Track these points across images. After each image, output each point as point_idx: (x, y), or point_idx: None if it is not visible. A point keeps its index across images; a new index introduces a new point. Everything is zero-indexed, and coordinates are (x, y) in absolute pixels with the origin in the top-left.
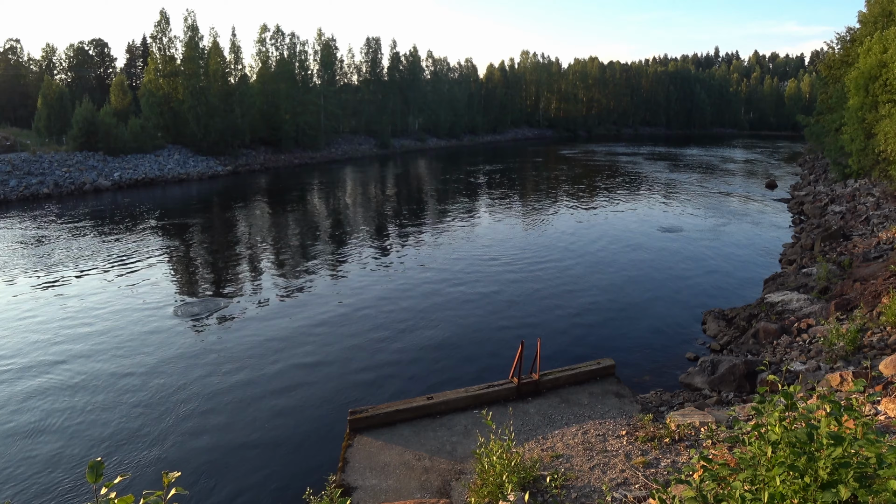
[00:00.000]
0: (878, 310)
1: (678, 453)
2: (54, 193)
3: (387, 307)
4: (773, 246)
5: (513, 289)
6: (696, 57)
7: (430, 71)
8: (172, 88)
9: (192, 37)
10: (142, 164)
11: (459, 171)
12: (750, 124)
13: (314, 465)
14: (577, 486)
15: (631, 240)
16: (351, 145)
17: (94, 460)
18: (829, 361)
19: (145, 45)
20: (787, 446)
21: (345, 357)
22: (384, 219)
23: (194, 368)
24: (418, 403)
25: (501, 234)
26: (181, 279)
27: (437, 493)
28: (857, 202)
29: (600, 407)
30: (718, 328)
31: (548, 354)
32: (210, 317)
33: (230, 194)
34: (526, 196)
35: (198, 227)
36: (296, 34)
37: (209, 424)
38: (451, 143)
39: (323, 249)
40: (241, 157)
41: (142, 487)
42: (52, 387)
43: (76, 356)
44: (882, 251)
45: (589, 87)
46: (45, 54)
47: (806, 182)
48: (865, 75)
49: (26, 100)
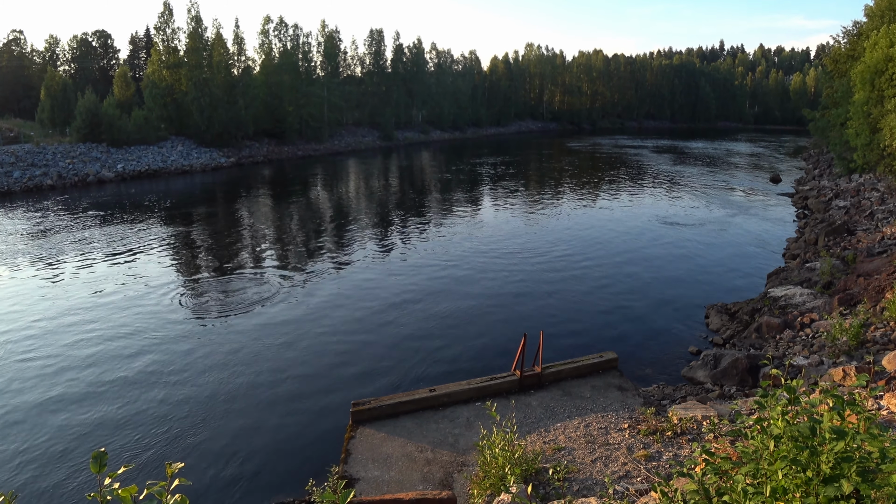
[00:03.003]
0: (882, 305)
1: (680, 447)
2: (58, 185)
3: (389, 299)
4: (776, 240)
5: (515, 281)
6: (700, 50)
7: (434, 63)
8: (176, 80)
9: (196, 28)
10: (145, 156)
11: (464, 163)
12: (755, 118)
13: (317, 456)
14: (579, 479)
15: (634, 232)
16: (354, 137)
17: (98, 451)
18: (832, 356)
19: (148, 37)
20: (790, 440)
21: (347, 349)
22: (388, 211)
23: (197, 360)
24: (421, 395)
25: (505, 226)
26: (185, 270)
27: (440, 485)
28: (861, 197)
29: (602, 400)
30: (721, 322)
31: (550, 347)
32: (213, 308)
33: (234, 186)
34: (530, 189)
35: (202, 219)
36: (299, 26)
37: (212, 415)
38: (455, 136)
39: (326, 241)
40: (245, 148)
41: (145, 478)
42: (52, 376)
43: (77, 346)
44: (886, 246)
45: (593, 79)
46: (48, 45)
47: (810, 176)
48: (871, 69)
49: (30, 91)
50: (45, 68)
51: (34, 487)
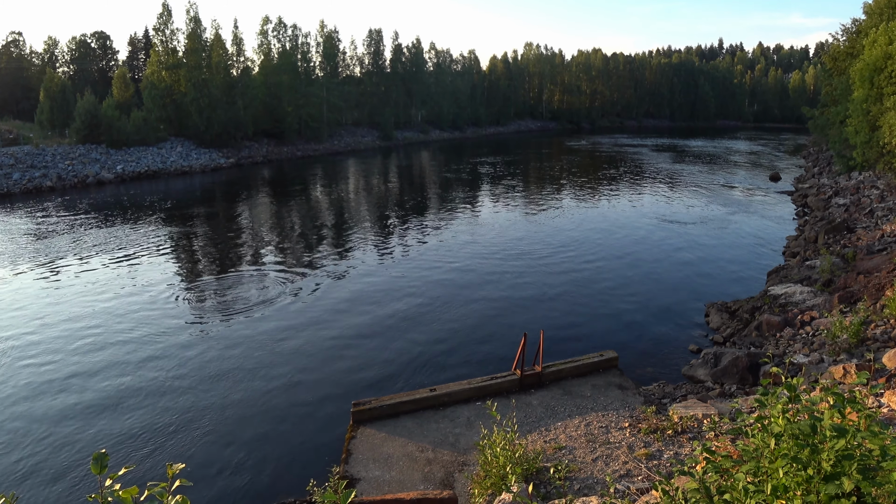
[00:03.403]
0: (882, 302)
1: (681, 445)
2: (57, 186)
3: (388, 299)
4: (776, 238)
5: (515, 281)
6: (700, 49)
7: (433, 63)
8: (175, 81)
9: (195, 29)
10: (144, 157)
11: (463, 163)
12: (754, 116)
13: (318, 456)
14: (580, 478)
15: (634, 231)
16: (354, 137)
17: (99, 452)
18: (833, 354)
19: (147, 38)
20: (791, 438)
21: (347, 349)
22: (388, 211)
23: (197, 361)
24: (421, 395)
25: (504, 225)
26: (184, 272)
27: (441, 485)
28: (861, 195)
29: (603, 399)
30: (721, 320)
31: (550, 346)
32: (213, 310)
33: (233, 187)
34: (529, 188)
35: (202, 220)
36: (298, 26)
37: (212, 416)
38: (455, 136)
39: (326, 242)
40: (244, 149)
41: (146, 479)
42: (51, 378)
43: (76, 348)
44: (886, 244)
45: (592, 78)
46: (47, 47)
47: (810, 174)
48: (871, 67)
49: (29, 93)
50: (44, 70)
51: (35, 489)
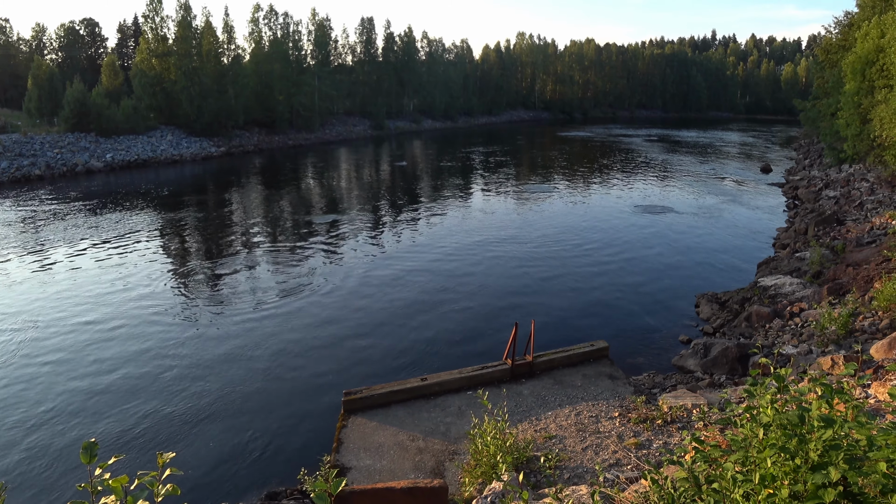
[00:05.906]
0: (871, 294)
1: (670, 435)
2: (46, 175)
3: (379, 289)
4: (766, 230)
5: (506, 271)
6: (692, 40)
7: (426, 52)
8: (165, 69)
9: (185, 16)
10: (134, 146)
11: (456, 152)
12: (746, 108)
13: (309, 445)
14: (569, 467)
15: (624, 222)
16: (345, 127)
17: (88, 441)
18: (821, 345)
19: (137, 25)
20: (779, 428)
21: (338, 338)
22: (379, 201)
23: (187, 350)
24: (412, 384)
25: (495, 216)
26: (175, 262)
27: (431, 474)
28: (851, 187)
29: (593, 389)
30: (711, 311)
31: (541, 336)
32: (204, 300)
33: (225, 176)
34: (520, 178)
35: (193, 209)
36: (289, 14)
37: (203, 405)
38: (447, 125)
39: (317, 231)
40: (235, 138)
41: (136, 468)
42: (44, 368)
43: (65, 338)
44: (875, 236)
45: (585, 69)
46: (35, 34)
47: (801, 166)
48: (862, 60)
49: (17, 80)
50: (31, 57)
51: (24, 478)
